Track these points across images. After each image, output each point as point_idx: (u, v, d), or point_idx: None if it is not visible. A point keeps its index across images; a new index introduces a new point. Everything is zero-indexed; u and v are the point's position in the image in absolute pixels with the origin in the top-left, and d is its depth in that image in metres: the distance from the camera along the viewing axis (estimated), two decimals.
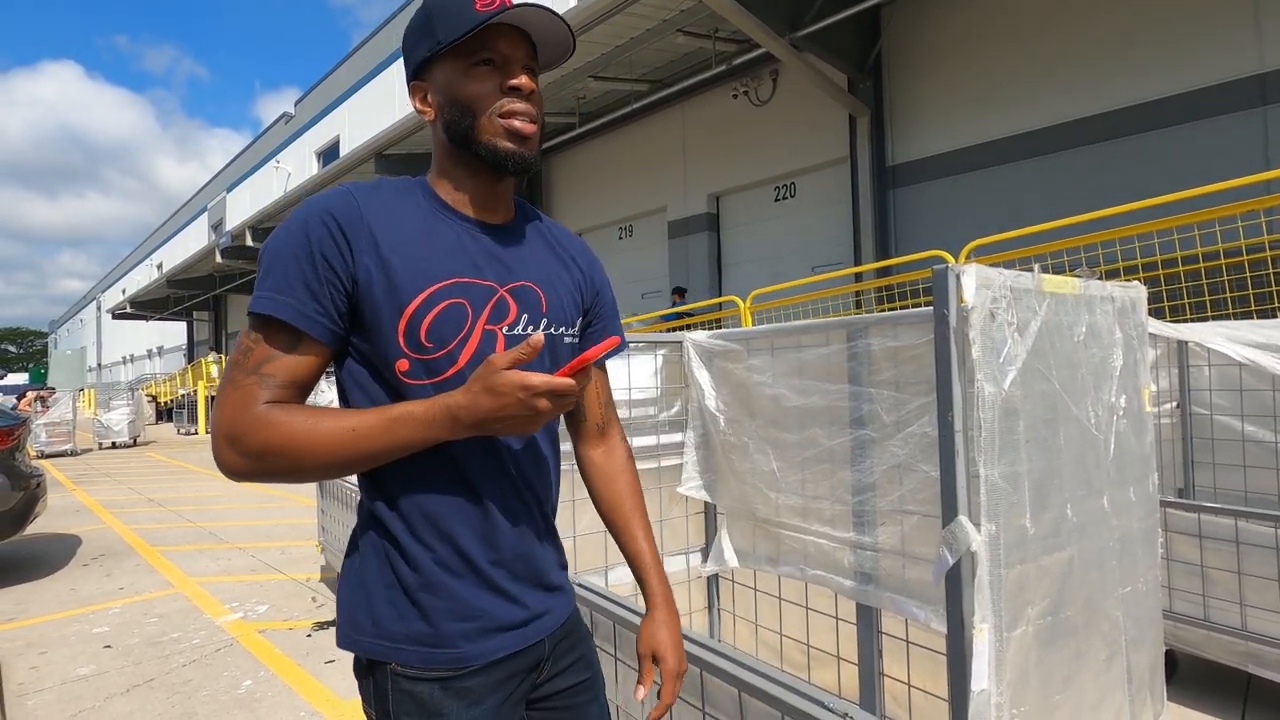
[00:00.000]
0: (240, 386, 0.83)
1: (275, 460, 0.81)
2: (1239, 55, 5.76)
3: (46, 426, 13.28)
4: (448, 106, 0.91)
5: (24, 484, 4.81)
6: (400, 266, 0.85)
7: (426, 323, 0.86)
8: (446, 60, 0.91)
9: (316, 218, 0.85)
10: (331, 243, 0.84)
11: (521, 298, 0.93)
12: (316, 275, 0.83)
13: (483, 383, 0.79)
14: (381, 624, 0.89)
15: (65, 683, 3.17)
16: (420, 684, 0.89)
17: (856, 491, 1.69)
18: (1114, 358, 1.06)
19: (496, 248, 0.95)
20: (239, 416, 0.81)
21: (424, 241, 0.88)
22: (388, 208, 0.89)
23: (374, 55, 18.65)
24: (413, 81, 0.96)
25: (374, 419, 0.82)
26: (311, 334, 0.84)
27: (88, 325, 55.99)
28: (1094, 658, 0.94)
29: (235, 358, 0.85)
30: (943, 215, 7.62)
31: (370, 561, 0.92)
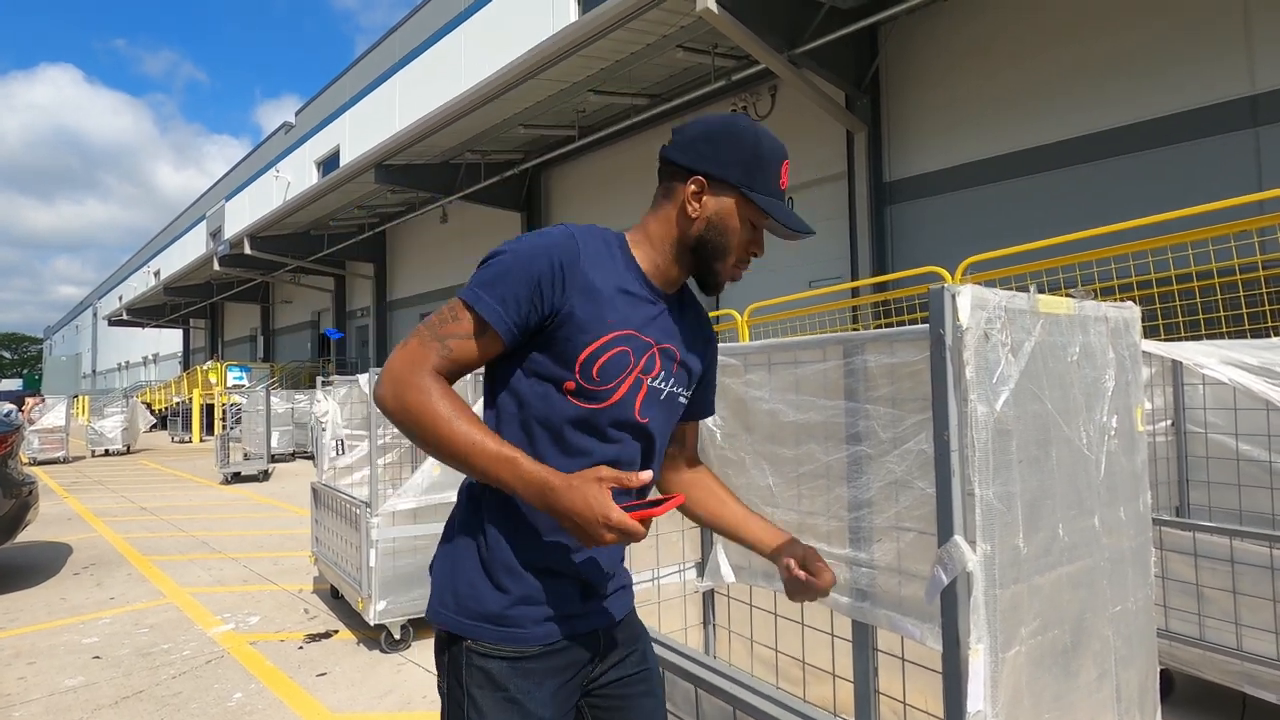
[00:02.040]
0: (424, 344, 1.01)
1: (410, 420, 0.98)
2: (1231, 77, 5.84)
3: (39, 433, 13.20)
4: (714, 230, 1.07)
5: (15, 491, 4.78)
6: (597, 310, 1.03)
7: (601, 361, 1.03)
8: (736, 196, 1.06)
9: (546, 252, 1.02)
10: (551, 279, 1.01)
11: (665, 357, 1.11)
12: (529, 298, 1.00)
13: (583, 489, 0.92)
14: (463, 603, 1.05)
15: (53, 694, 3.14)
16: (491, 660, 1.03)
17: (853, 508, 1.69)
18: (1107, 378, 1.07)
19: (661, 313, 1.12)
20: (409, 370, 0.99)
21: (618, 294, 1.06)
22: (599, 257, 1.06)
23: (375, 66, 18.76)
24: (698, 176, 1.06)
25: (493, 447, 0.96)
26: (501, 336, 1.01)
27: (83, 332, 55.83)
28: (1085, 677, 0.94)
29: (434, 319, 1.04)
30: (939, 231, 7.67)
31: (461, 546, 1.08)
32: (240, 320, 27.88)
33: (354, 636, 3.82)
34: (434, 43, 16.27)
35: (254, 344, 26.22)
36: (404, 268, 17.98)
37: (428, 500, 3.66)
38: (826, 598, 1.45)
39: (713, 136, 1.06)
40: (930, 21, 7.71)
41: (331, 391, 4.79)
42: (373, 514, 3.58)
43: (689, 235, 1.08)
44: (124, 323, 31.06)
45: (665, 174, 1.11)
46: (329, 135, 21.16)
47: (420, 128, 10.56)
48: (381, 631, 3.61)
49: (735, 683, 1.15)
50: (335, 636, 3.84)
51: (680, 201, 1.08)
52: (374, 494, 3.65)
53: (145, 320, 30.03)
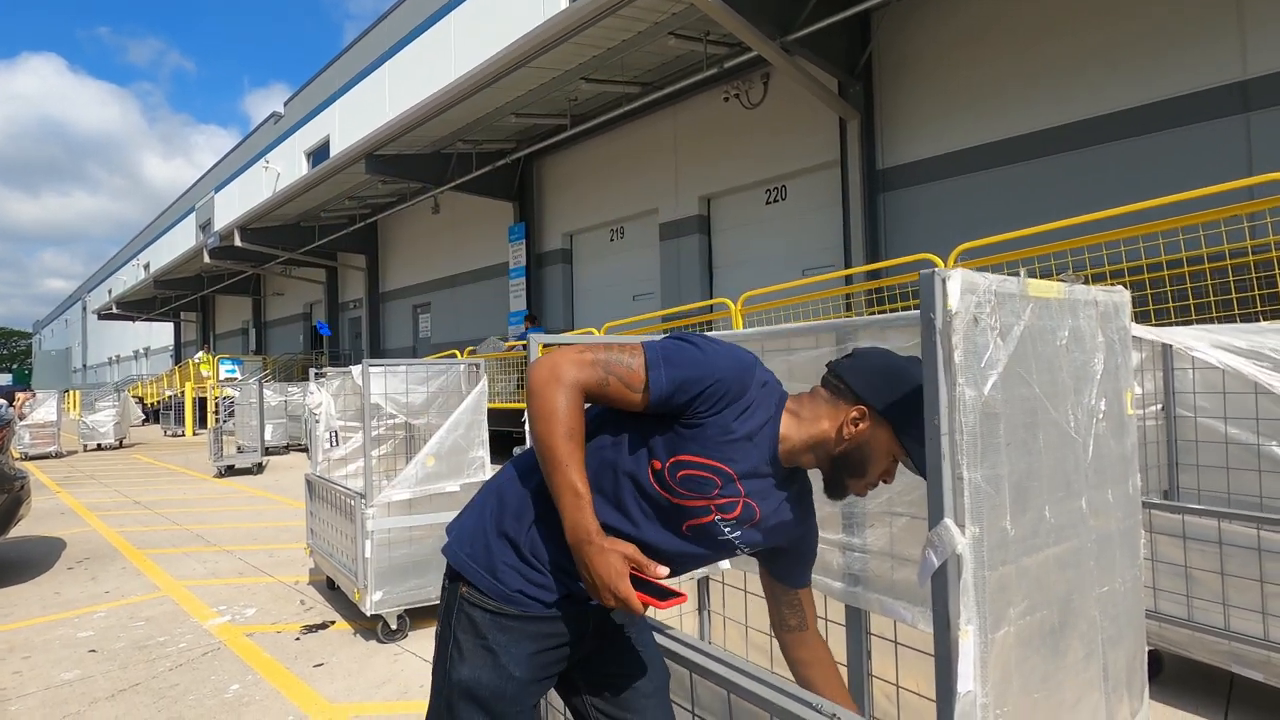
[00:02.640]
0: (595, 363, 1.12)
1: (538, 404, 1.09)
2: (1222, 62, 5.84)
3: (31, 428, 13.13)
4: (860, 452, 1.15)
5: (7, 486, 4.76)
6: (722, 439, 1.12)
7: (690, 473, 1.13)
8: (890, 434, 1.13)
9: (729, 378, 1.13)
10: (718, 395, 1.12)
11: (745, 511, 1.18)
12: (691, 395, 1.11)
13: (609, 556, 1.05)
14: (477, 552, 1.20)
15: (49, 688, 3.14)
16: (477, 610, 1.17)
17: None
18: (1096, 362, 1.07)
19: (770, 476, 1.19)
20: (570, 369, 1.10)
21: (746, 442, 1.14)
22: (758, 406, 1.15)
23: (365, 55, 18.57)
24: (863, 406, 1.14)
25: (573, 476, 1.08)
26: (650, 402, 1.12)
27: (73, 326, 55.42)
28: (1072, 657, 0.95)
29: (614, 350, 1.14)
30: (932, 219, 7.68)
31: (492, 502, 1.24)
32: (232, 313, 27.72)
33: (350, 627, 3.83)
34: (424, 31, 16.11)
35: (246, 337, 26.09)
36: (396, 259, 17.90)
37: (423, 491, 3.66)
38: (818, 586, 1.51)
39: (889, 376, 1.14)
40: (923, 8, 7.68)
41: (325, 383, 4.77)
42: (368, 505, 3.58)
43: (834, 447, 1.16)
44: (114, 316, 30.83)
45: (835, 385, 1.18)
46: (319, 125, 20.96)
47: (411, 117, 10.48)
48: (378, 622, 3.62)
49: (730, 667, 1.16)
50: (332, 627, 3.85)
51: (841, 421, 1.15)
52: (369, 485, 3.65)
53: (135, 314, 29.81)
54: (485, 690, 1.15)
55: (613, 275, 12.07)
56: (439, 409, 4.05)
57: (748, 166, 9.68)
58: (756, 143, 9.51)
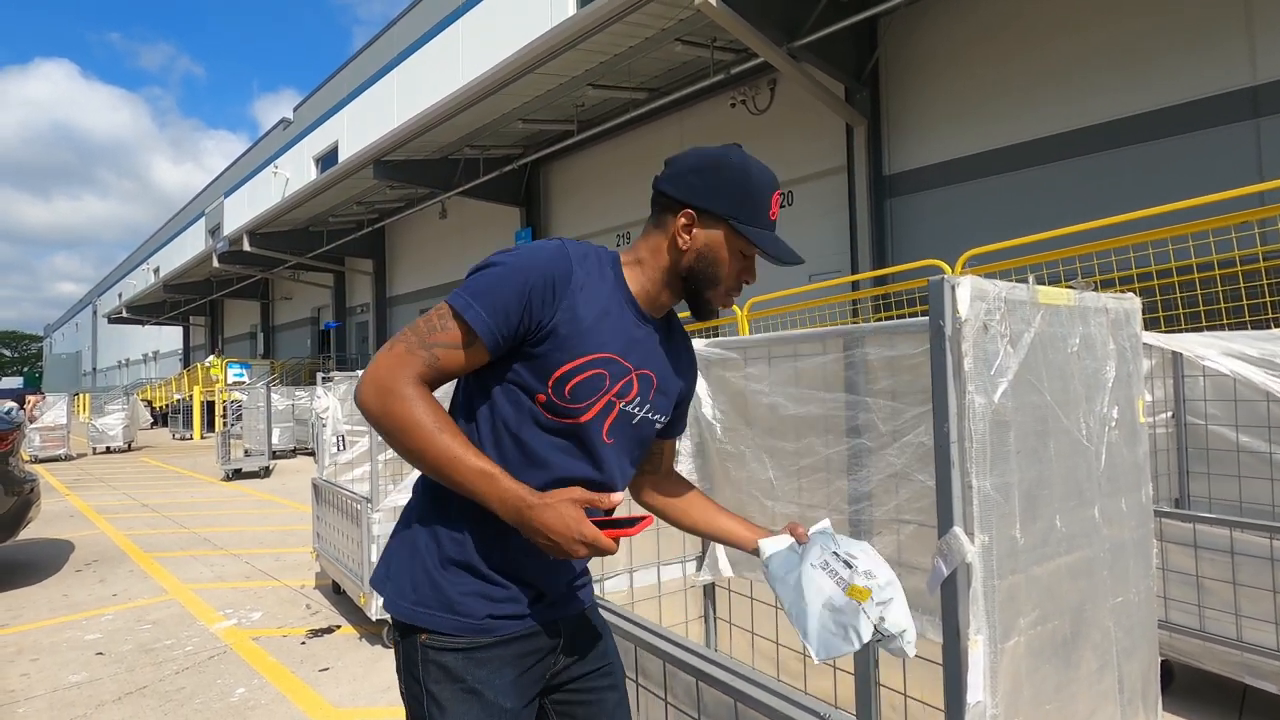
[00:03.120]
0: (410, 351, 0.99)
1: (392, 427, 0.97)
2: (1232, 68, 5.81)
3: (41, 431, 13.22)
4: (705, 262, 1.08)
5: (17, 489, 4.79)
6: (580, 330, 1.03)
7: (576, 380, 1.03)
8: (725, 229, 1.07)
9: (541, 267, 1.02)
10: (542, 291, 1.01)
11: (643, 383, 1.11)
12: (519, 311, 1.00)
13: (557, 508, 0.95)
14: (420, 591, 1.05)
15: (57, 690, 3.15)
16: (447, 653, 1.04)
17: (853, 500, 1.69)
18: (1107, 369, 1.06)
19: (644, 338, 1.12)
20: (395, 375, 0.98)
21: (604, 317, 1.06)
22: (590, 277, 1.06)
23: (373, 62, 18.68)
24: (688, 209, 1.07)
25: (473, 461, 0.97)
26: (488, 344, 1.00)
27: (83, 329, 55.83)
28: (1085, 668, 0.94)
29: (421, 324, 1.02)
30: (939, 225, 7.65)
31: (422, 538, 1.08)
32: (240, 317, 27.87)
33: (356, 632, 3.83)
34: (432, 38, 16.21)
35: (254, 341, 26.22)
36: (403, 263, 17.97)
37: None
38: None
39: (703, 170, 1.07)
40: (930, 14, 7.67)
41: (332, 387, 4.79)
42: (374, 509, 3.59)
43: (679, 265, 1.10)
44: (124, 320, 31.05)
45: (658, 204, 1.12)
46: (327, 131, 21.09)
47: (418, 123, 10.53)
48: (383, 626, 3.62)
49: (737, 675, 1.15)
50: (337, 632, 3.85)
51: (671, 233, 1.09)
52: (375, 489, 3.65)
53: (145, 318, 30.01)
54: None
55: None
56: None
57: None
58: (763, 148, 9.49)
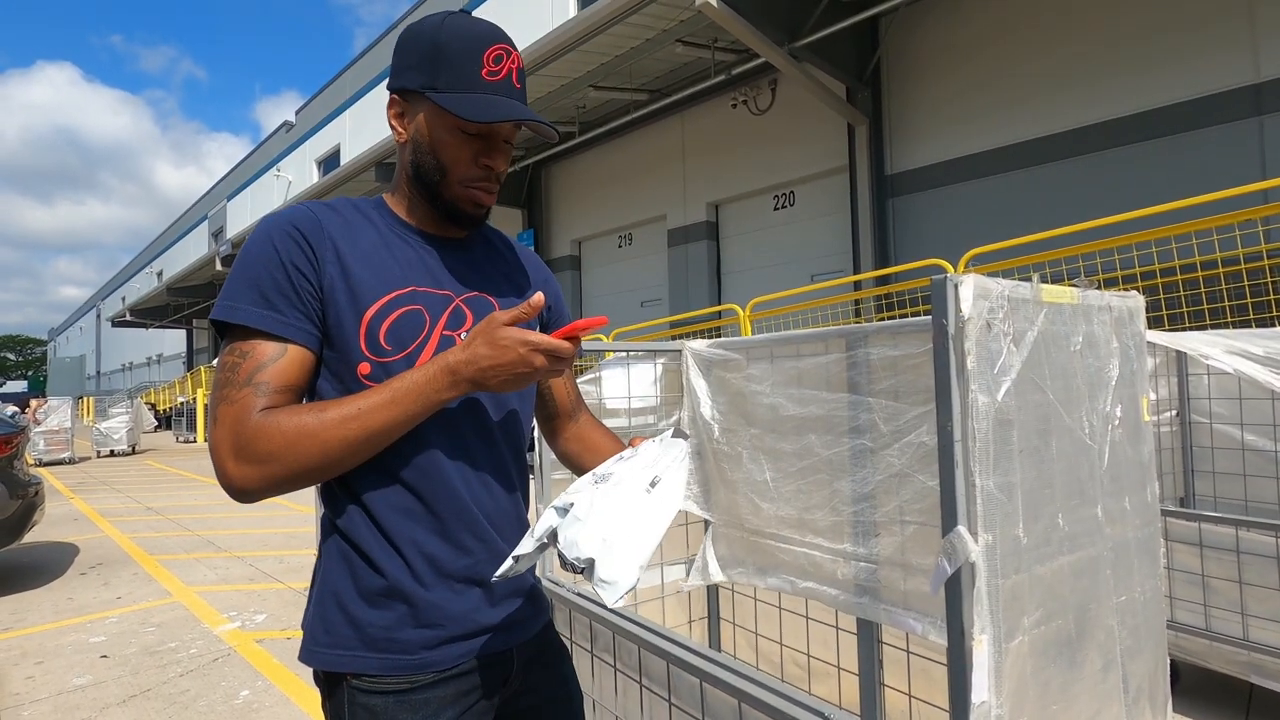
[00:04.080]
0: (235, 401, 0.81)
1: (286, 460, 0.80)
2: (1235, 65, 5.80)
3: (45, 434, 13.26)
4: (423, 150, 0.92)
5: (22, 492, 4.80)
6: (360, 274, 0.88)
7: (385, 326, 0.88)
8: (434, 107, 0.90)
9: (280, 230, 0.87)
10: (299, 251, 0.86)
11: (477, 307, 0.96)
12: (291, 284, 0.85)
13: (484, 336, 0.82)
14: (337, 633, 0.88)
15: (61, 693, 3.16)
16: (375, 696, 0.86)
17: (854, 501, 1.69)
18: (1110, 368, 1.06)
19: (453, 261, 0.97)
20: (241, 428, 0.80)
21: (383, 253, 0.91)
22: (346, 223, 0.91)
23: (375, 64, 18.74)
24: (393, 94, 0.94)
25: (377, 396, 0.82)
26: (296, 341, 0.85)
27: (87, 333, 56.02)
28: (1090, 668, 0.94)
29: (223, 376, 0.84)
30: (941, 224, 7.65)
31: (333, 572, 0.90)
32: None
33: None
34: None
35: None
36: None
37: None
38: (816, 600, 1.40)
39: (398, 48, 0.92)
40: (932, 13, 7.67)
41: None
42: None
43: (407, 165, 0.94)
44: (127, 324, 31.16)
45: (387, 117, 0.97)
46: (329, 134, 21.15)
47: None
48: None
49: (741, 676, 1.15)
50: None
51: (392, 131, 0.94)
52: None
53: (149, 321, 30.11)
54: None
55: (621, 281, 12.08)
56: None
57: (756, 172, 9.68)
58: (764, 149, 9.51)
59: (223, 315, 0.85)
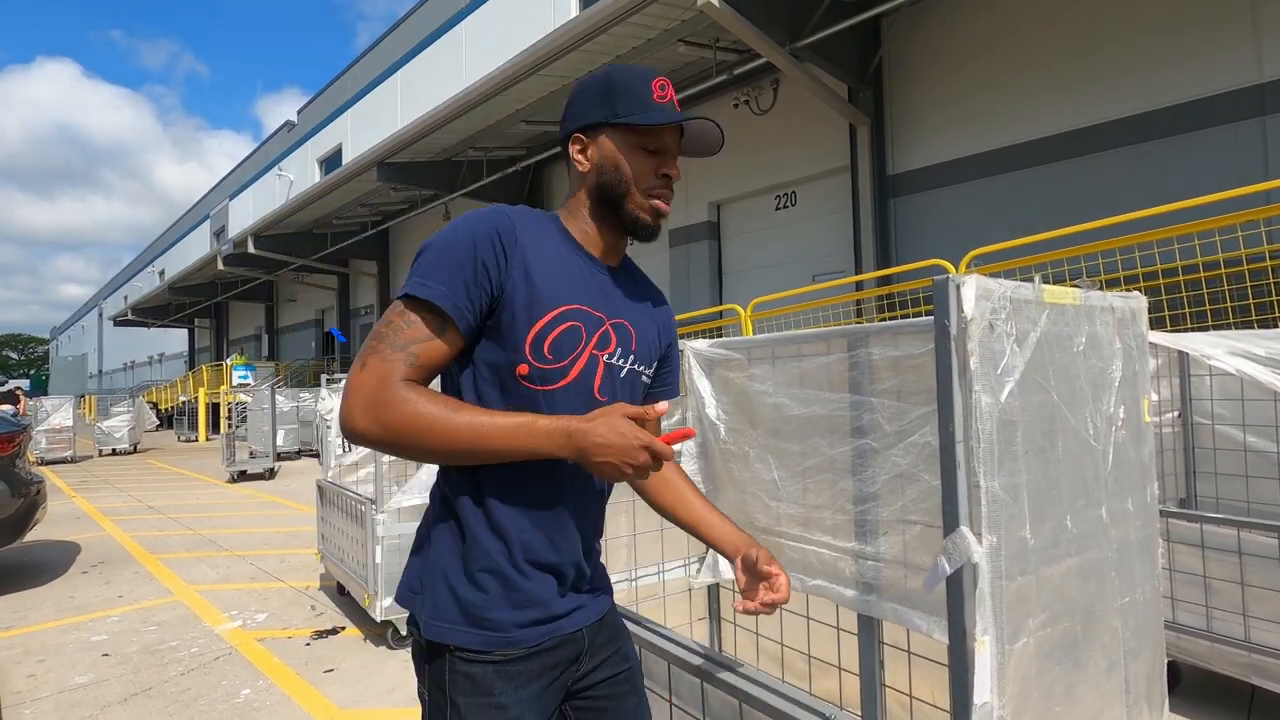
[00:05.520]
0: (386, 359, 0.93)
1: (401, 437, 0.92)
2: (1238, 66, 5.79)
3: (47, 433, 13.28)
4: (608, 171, 1.05)
5: (24, 491, 4.81)
6: (540, 284, 0.99)
7: (551, 337, 0.99)
8: (616, 132, 1.04)
9: (483, 228, 0.98)
10: (492, 252, 0.97)
11: (620, 333, 1.07)
12: (474, 278, 0.95)
13: (608, 420, 0.92)
14: (444, 610, 1.01)
15: (63, 691, 3.16)
16: (475, 666, 1.00)
17: (858, 501, 1.69)
18: (1113, 368, 1.06)
19: (608, 286, 1.08)
20: (380, 389, 0.91)
21: (559, 268, 1.02)
22: (534, 234, 1.02)
23: (376, 64, 18.73)
24: (575, 133, 1.07)
25: (503, 421, 0.92)
26: (459, 326, 0.96)
27: (89, 332, 56.07)
28: (1093, 669, 0.93)
29: (383, 331, 0.95)
30: (943, 224, 7.64)
31: (444, 552, 1.04)
32: (245, 319, 27.96)
33: (361, 633, 3.83)
34: (435, 39, 16.24)
35: (259, 343, 26.30)
36: (407, 265, 17.91)
37: None
38: (825, 597, 1.43)
39: (572, 99, 1.08)
40: (934, 13, 7.66)
41: (336, 389, 4.79)
42: (378, 511, 3.59)
43: (591, 190, 1.07)
44: (129, 323, 31.18)
45: (565, 151, 1.11)
46: (331, 133, 21.16)
47: (422, 125, 10.55)
48: (388, 628, 3.62)
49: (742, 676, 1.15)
50: (342, 633, 3.86)
51: (575, 169, 1.08)
52: (379, 491, 3.66)
53: (150, 320, 30.13)
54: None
55: None
56: None
57: (758, 172, 9.67)
58: (766, 149, 9.50)
59: (414, 290, 0.95)
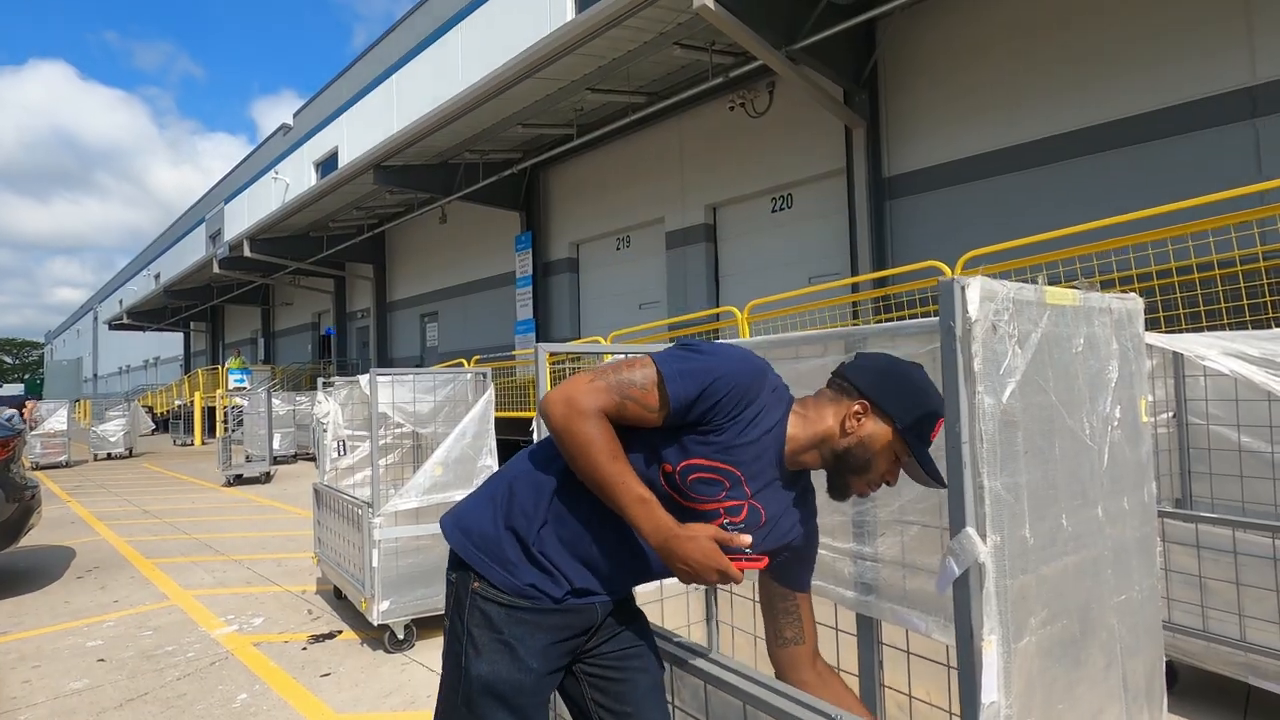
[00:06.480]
0: (608, 391, 1.13)
1: (569, 440, 1.11)
2: (1231, 68, 5.83)
3: (42, 438, 13.21)
4: (862, 449, 1.17)
5: (18, 495, 4.78)
6: (732, 444, 1.14)
7: (699, 476, 1.16)
8: (892, 431, 1.15)
9: (745, 384, 1.14)
10: (732, 402, 1.13)
11: (751, 513, 1.20)
12: (709, 402, 1.12)
13: (700, 542, 1.06)
14: (484, 541, 1.21)
15: (58, 697, 3.14)
16: (492, 605, 1.18)
17: (856, 502, 1.69)
18: (1110, 369, 1.07)
19: (774, 478, 1.21)
20: (585, 400, 1.11)
21: (755, 447, 1.16)
22: (768, 407, 1.17)
23: (372, 67, 18.72)
24: (865, 401, 1.17)
25: (634, 488, 1.10)
26: (669, 418, 1.14)
27: (84, 336, 55.82)
28: (1093, 666, 0.94)
29: (625, 371, 1.15)
30: (939, 226, 7.67)
31: (504, 495, 1.23)
32: (241, 323, 27.87)
33: (357, 637, 3.82)
34: (431, 43, 16.25)
35: (255, 346, 26.23)
36: (403, 269, 17.98)
37: (430, 500, 3.66)
38: (824, 597, 1.48)
39: (892, 374, 1.18)
40: (929, 16, 7.70)
41: (332, 393, 4.79)
42: (375, 514, 3.59)
43: (837, 443, 1.19)
44: (125, 326, 31.04)
45: (838, 385, 1.22)
46: (327, 136, 21.13)
47: (418, 128, 10.55)
48: (385, 632, 3.61)
49: (745, 678, 1.15)
50: (339, 637, 3.85)
51: (844, 414, 1.18)
52: (376, 494, 3.65)
53: (146, 324, 30.01)
54: (505, 685, 1.16)
55: (619, 284, 12.08)
56: (446, 418, 4.05)
57: (753, 175, 9.70)
58: (762, 151, 9.53)
59: (667, 374, 1.13)
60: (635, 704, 1.26)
